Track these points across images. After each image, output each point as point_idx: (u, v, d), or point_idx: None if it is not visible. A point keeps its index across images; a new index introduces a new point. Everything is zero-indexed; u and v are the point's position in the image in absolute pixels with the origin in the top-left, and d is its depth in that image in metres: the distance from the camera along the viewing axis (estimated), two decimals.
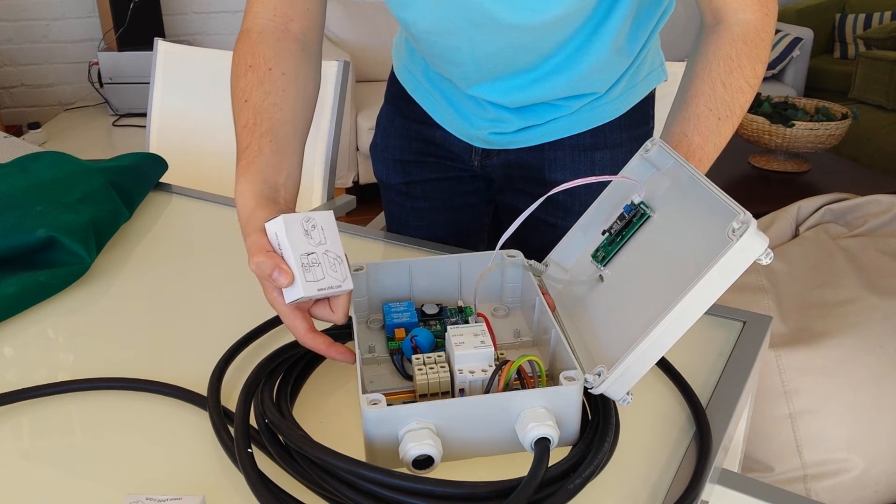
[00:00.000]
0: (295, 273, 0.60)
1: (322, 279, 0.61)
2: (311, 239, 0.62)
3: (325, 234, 0.64)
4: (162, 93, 1.60)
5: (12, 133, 2.61)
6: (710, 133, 0.71)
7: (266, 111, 0.70)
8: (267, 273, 0.60)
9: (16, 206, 0.90)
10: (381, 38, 3.36)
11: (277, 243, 0.61)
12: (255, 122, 0.69)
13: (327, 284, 0.61)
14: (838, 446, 1.32)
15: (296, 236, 0.61)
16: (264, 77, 0.72)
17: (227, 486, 0.55)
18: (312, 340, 0.62)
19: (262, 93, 0.71)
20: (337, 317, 0.63)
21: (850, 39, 3.99)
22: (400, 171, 1.03)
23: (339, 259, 0.63)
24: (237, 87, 0.73)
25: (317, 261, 0.62)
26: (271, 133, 0.69)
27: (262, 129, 0.69)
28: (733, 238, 0.52)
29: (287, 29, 0.77)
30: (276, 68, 0.73)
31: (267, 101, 0.71)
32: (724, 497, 0.63)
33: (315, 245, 0.62)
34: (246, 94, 0.72)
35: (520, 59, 0.81)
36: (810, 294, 1.46)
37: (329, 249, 0.63)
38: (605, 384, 0.56)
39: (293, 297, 0.60)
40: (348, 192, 2.36)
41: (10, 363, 0.70)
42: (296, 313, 0.62)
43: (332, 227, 0.65)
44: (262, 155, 0.67)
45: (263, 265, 0.60)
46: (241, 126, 0.70)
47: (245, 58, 0.74)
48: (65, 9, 3.20)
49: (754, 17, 0.73)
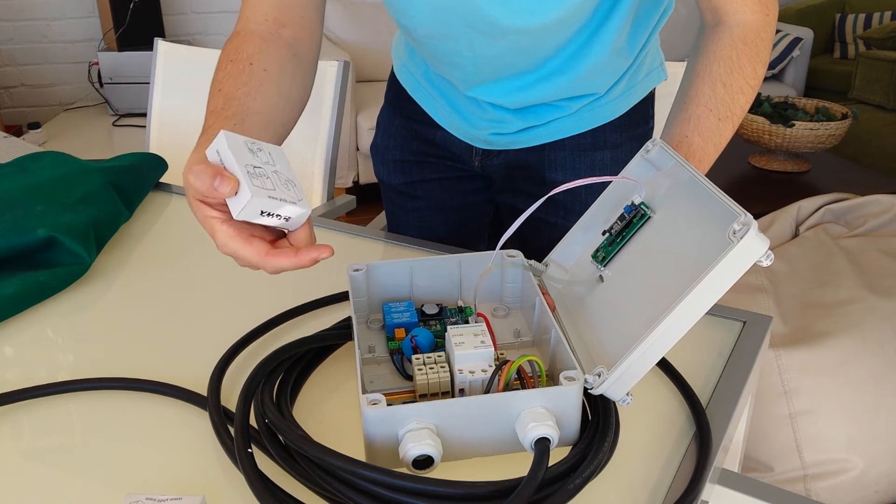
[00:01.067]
0: (240, 179, 0.52)
1: (273, 190, 0.54)
2: (256, 157, 0.55)
3: (274, 158, 0.57)
4: (162, 93, 1.60)
5: (12, 133, 2.61)
6: (711, 134, 0.71)
7: (237, 99, 0.66)
8: (206, 183, 0.52)
9: (16, 206, 0.90)
10: (381, 38, 3.36)
11: (220, 160, 0.54)
12: (224, 107, 0.65)
13: (279, 196, 0.54)
14: (838, 446, 1.32)
15: (239, 150, 0.54)
16: (243, 70, 0.69)
17: (227, 486, 0.55)
18: (276, 258, 0.55)
19: (237, 83, 0.68)
20: (301, 257, 0.55)
21: (850, 39, 3.99)
22: (400, 172, 1.03)
23: (290, 182, 0.56)
24: (215, 78, 0.69)
25: (265, 174, 0.54)
26: (237, 117, 0.64)
27: (228, 112, 0.64)
28: (734, 240, 0.52)
29: (278, 34, 0.76)
30: (257, 64, 0.70)
31: (240, 91, 0.67)
32: (724, 497, 0.63)
33: (262, 163, 0.55)
34: (220, 85, 0.68)
35: (520, 61, 0.81)
36: (810, 294, 1.46)
37: (279, 171, 0.56)
38: (604, 385, 0.56)
39: (241, 203, 0.52)
40: (348, 192, 2.36)
41: (10, 363, 0.70)
42: (251, 239, 0.55)
43: (282, 157, 0.58)
44: None
45: (201, 174, 0.52)
46: (209, 112, 0.66)
47: (228, 55, 0.72)
48: (65, 9, 3.20)
49: (755, 17, 0.73)
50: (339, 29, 3.35)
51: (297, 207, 0.55)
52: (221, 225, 0.55)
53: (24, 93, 3.30)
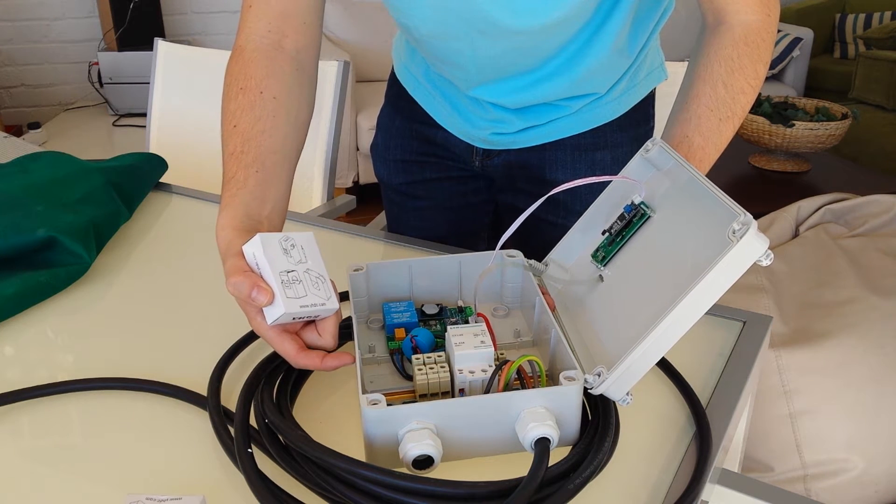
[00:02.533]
0: (275, 290, 0.58)
1: (304, 296, 0.59)
2: (290, 258, 0.60)
3: (306, 253, 0.62)
4: (162, 93, 1.60)
5: (12, 133, 2.61)
6: (711, 134, 0.71)
7: (254, 139, 0.69)
8: (245, 293, 0.57)
9: (16, 206, 0.90)
10: (381, 38, 3.36)
11: (255, 264, 0.59)
12: (243, 151, 0.68)
13: (310, 302, 0.59)
14: (838, 446, 1.32)
15: (274, 254, 0.59)
16: (255, 101, 0.71)
17: (227, 486, 0.55)
18: (305, 359, 0.60)
19: (251, 118, 0.70)
20: (325, 341, 0.61)
21: (850, 39, 3.99)
22: (401, 172, 1.03)
23: (321, 278, 0.61)
24: (227, 109, 0.71)
25: (297, 278, 0.59)
26: (258, 162, 0.68)
27: (248, 158, 0.68)
28: (733, 239, 0.52)
29: (281, 46, 0.76)
30: (267, 91, 0.72)
31: (255, 129, 0.69)
32: (724, 497, 0.63)
33: (295, 263, 0.60)
34: (235, 119, 0.70)
35: (521, 61, 0.81)
36: (810, 294, 1.46)
37: (311, 268, 0.61)
38: (604, 384, 0.56)
39: (275, 315, 0.58)
40: (348, 192, 2.36)
41: (10, 363, 0.70)
42: (283, 336, 0.60)
43: (313, 247, 0.63)
44: (247, 186, 0.66)
45: (240, 285, 0.58)
46: (227, 154, 0.69)
47: (237, 79, 0.73)
48: (65, 9, 3.20)
49: (756, 17, 0.73)
50: (339, 29, 3.35)
51: (325, 307, 0.59)
52: (257, 316, 0.60)
53: (24, 93, 3.30)
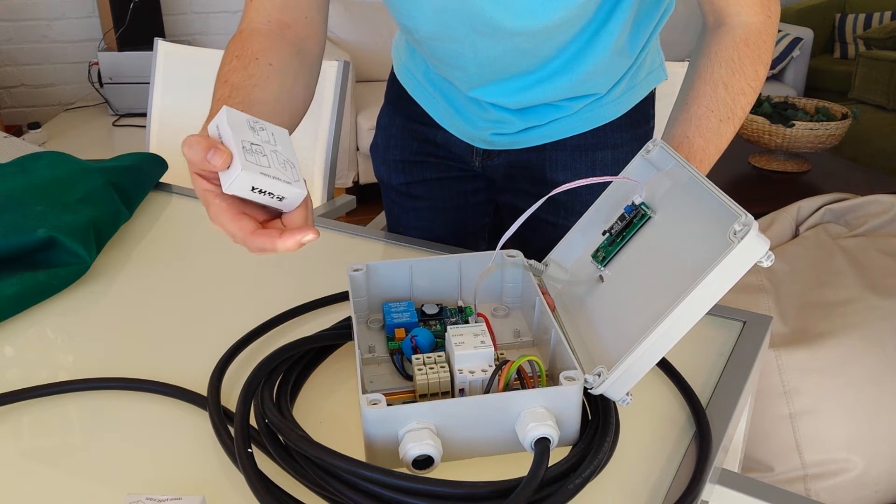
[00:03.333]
0: (234, 153, 0.52)
1: (267, 167, 0.53)
2: (256, 135, 0.55)
3: (276, 139, 0.57)
4: (162, 93, 1.60)
5: (12, 133, 2.61)
6: (712, 135, 0.71)
7: (244, 89, 0.66)
8: (200, 154, 0.52)
9: (16, 206, 0.90)
10: (381, 38, 3.36)
11: (218, 135, 0.54)
12: (230, 96, 0.65)
13: (273, 174, 0.53)
14: (838, 446, 1.32)
15: (238, 125, 0.54)
16: (249, 63, 0.69)
17: (227, 486, 0.55)
18: (259, 238, 0.54)
19: (244, 75, 0.68)
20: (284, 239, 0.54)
21: (850, 39, 3.99)
22: (400, 172, 1.03)
23: (289, 163, 0.56)
24: (220, 73, 0.69)
25: (262, 152, 0.54)
26: (243, 105, 0.64)
27: (234, 101, 0.64)
28: (734, 240, 0.52)
29: (283, 34, 0.75)
30: (262, 58, 0.70)
31: (247, 82, 0.67)
32: (724, 497, 0.63)
33: (261, 141, 0.55)
34: (226, 77, 0.68)
35: (522, 62, 0.81)
36: (810, 294, 1.46)
37: (279, 151, 0.56)
38: (604, 385, 0.56)
39: (231, 177, 0.52)
40: (348, 192, 2.36)
41: (10, 363, 0.70)
42: (240, 216, 0.55)
43: (286, 139, 0.58)
44: None
45: (195, 145, 0.52)
46: (214, 100, 0.66)
47: (233, 51, 0.71)
48: (65, 9, 3.20)
49: (757, 19, 0.73)
50: (339, 29, 3.35)
51: (291, 187, 0.54)
52: (215, 199, 0.55)
53: (24, 93, 3.30)
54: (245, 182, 0.53)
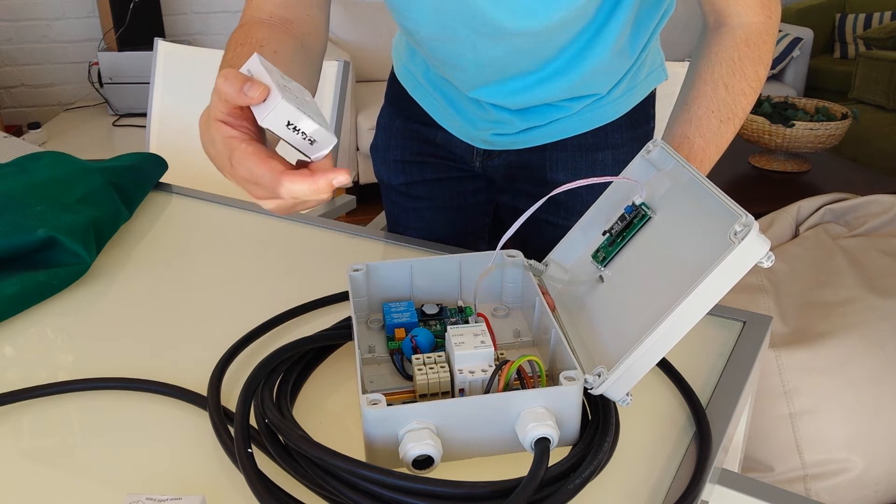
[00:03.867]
0: (271, 87, 0.51)
1: (303, 106, 0.53)
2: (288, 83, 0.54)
3: (304, 94, 0.56)
4: (162, 93, 1.60)
5: (12, 133, 2.61)
6: (712, 135, 0.71)
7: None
8: (236, 86, 0.51)
9: (16, 206, 0.90)
10: (381, 38, 3.36)
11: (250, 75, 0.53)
12: (241, 62, 0.62)
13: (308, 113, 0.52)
14: (838, 446, 1.32)
15: (272, 71, 0.53)
16: (253, 50, 0.67)
17: (227, 486, 0.55)
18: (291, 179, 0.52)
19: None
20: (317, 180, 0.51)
21: (850, 39, 3.99)
22: (400, 172, 1.03)
23: (318, 112, 0.55)
24: (223, 62, 0.68)
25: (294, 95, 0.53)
26: None
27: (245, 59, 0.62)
28: (735, 241, 0.52)
29: (286, 28, 0.76)
30: (267, 46, 0.69)
31: None
32: (724, 497, 0.63)
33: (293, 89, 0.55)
34: (230, 63, 0.67)
35: (522, 62, 0.81)
36: (810, 294, 1.46)
37: (307, 101, 0.55)
38: (604, 385, 0.56)
39: (268, 109, 0.51)
40: (348, 192, 2.36)
41: (10, 363, 0.70)
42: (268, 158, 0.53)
43: (311, 97, 0.58)
44: None
45: (232, 77, 0.51)
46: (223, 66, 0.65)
47: (237, 40, 0.70)
48: (65, 9, 3.20)
49: (757, 19, 0.73)
50: (339, 29, 3.35)
51: (323, 130, 0.53)
52: (241, 143, 0.53)
53: (24, 93, 3.30)
54: (282, 114, 0.52)
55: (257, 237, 0.95)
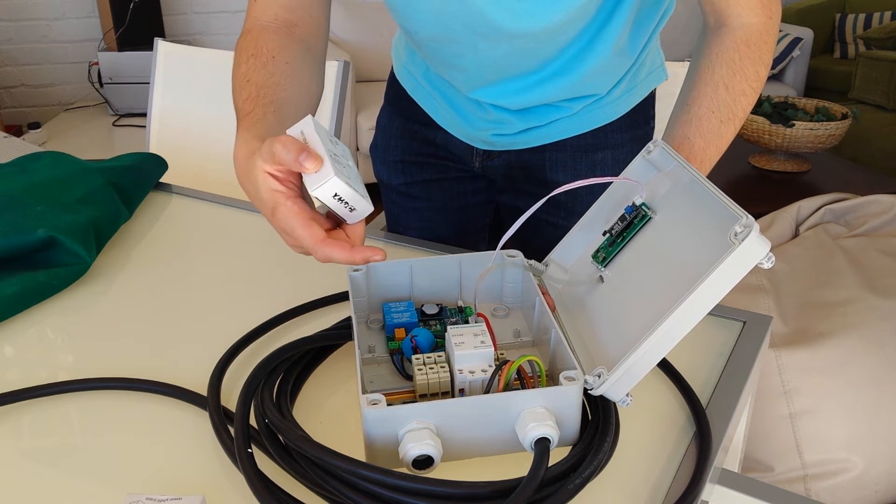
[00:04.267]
0: (325, 159, 0.54)
1: (349, 179, 0.56)
2: (336, 147, 0.57)
3: (347, 155, 0.60)
4: (162, 93, 1.60)
5: (12, 133, 2.61)
6: (712, 136, 0.71)
7: (269, 88, 0.67)
8: (293, 155, 0.54)
9: (16, 206, 0.90)
10: (381, 38, 3.36)
11: (303, 139, 0.56)
12: (258, 95, 0.66)
13: (354, 186, 0.55)
14: (838, 446, 1.32)
15: (323, 136, 0.56)
16: (267, 62, 0.70)
17: (227, 486, 0.55)
18: (332, 248, 0.56)
19: (265, 74, 0.69)
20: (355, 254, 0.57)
21: (850, 39, 3.99)
22: (400, 172, 1.03)
23: (358, 178, 0.58)
24: (238, 73, 0.70)
25: (342, 164, 0.56)
26: (274, 105, 0.66)
27: (265, 100, 0.66)
28: (735, 242, 0.52)
29: (290, 32, 0.76)
30: (279, 57, 0.71)
31: (271, 81, 0.68)
32: (724, 497, 0.63)
33: (339, 154, 0.57)
34: (247, 76, 0.69)
35: (522, 63, 0.81)
36: (810, 294, 1.46)
37: (350, 166, 0.58)
38: (604, 385, 0.56)
39: (321, 181, 0.54)
40: None
41: (10, 363, 0.70)
42: (311, 222, 0.56)
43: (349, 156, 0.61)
44: (266, 120, 0.64)
45: (290, 145, 0.54)
46: (242, 100, 0.67)
47: (247, 49, 0.72)
48: (65, 9, 3.20)
49: (758, 20, 0.73)
50: (339, 29, 3.35)
51: (363, 201, 0.57)
52: (287, 200, 0.56)
53: (24, 93, 3.30)
54: (332, 188, 0.55)
55: (257, 237, 0.95)
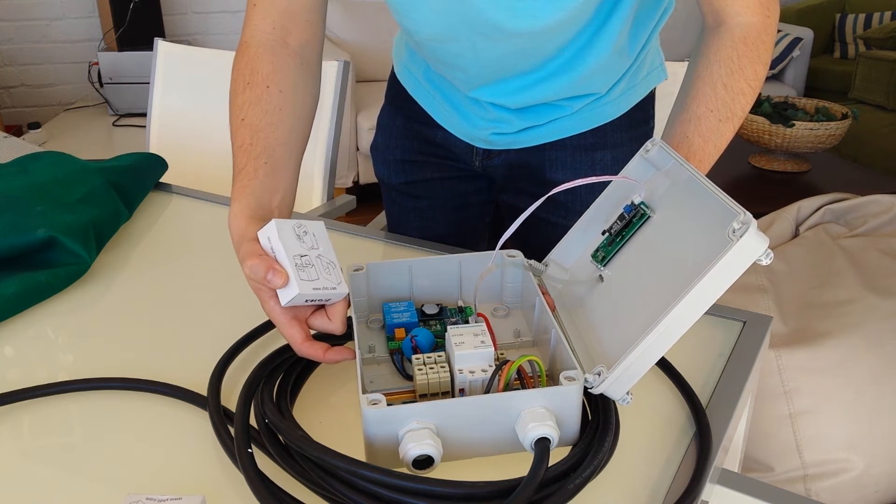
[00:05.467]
0: (289, 272, 0.60)
1: (316, 279, 0.61)
2: (303, 243, 0.63)
3: (317, 240, 0.65)
4: (162, 93, 1.60)
5: (12, 133, 2.61)
6: (711, 134, 0.71)
7: (262, 131, 0.71)
8: (261, 275, 0.60)
9: (16, 206, 0.90)
10: (381, 38, 3.36)
11: (270, 247, 0.62)
12: (251, 143, 0.70)
13: (322, 285, 0.61)
14: (838, 446, 1.32)
15: (288, 238, 0.62)
16: (262, 95, 0.73)
17: (227, 486, 0.55)
18: (309, 349, 0.62)
19: (259, 112, 0.72)
20: (335, 325, 0.63)
21: (850, 39, 3.99)
22: (401, 171, 1.03)
23: (332, 264, 0.64)
24: (234, 103, 0.74)
25: (310, 262, 0.62)
26: (266, 154, 0.70)
27: (257, 149, 0.70)
28: (733, 238, 0.52)
29: (286, 42, 0.77)
30: (273, 86, 0.74)
31: (263, 121, 0.72)
32: (724, 497, 0.63)
33: (307, 248, 0.63)
34: (243, 113, 0.72)
35: (522, 62, 0.81)
36: (810, 294, 1.46)
37: (322, 254, 0.64)
38: (604, 384, 0.56)
39: (289, 296, 0.60)
40: (348, 192, 2.36)
41: (10, 363, 0.70)
42: (293, 322, 0.62)
43: (324, 235, 0.66)
44: (257, 177, 0.68)
45: (256, 267, 0.60)
46: (237, 146, 0.71)
47: (244, 74, 0.75)
48: (65, 9, 3.20)
49: (756, 19, 0.73)
50: (339, 29, 3.35)
51: (335, 291, 0.62)
52: (269, 299, 0.62)
53: (24, 93, 3.30)
54: (300, 298, 0.60)
55: None
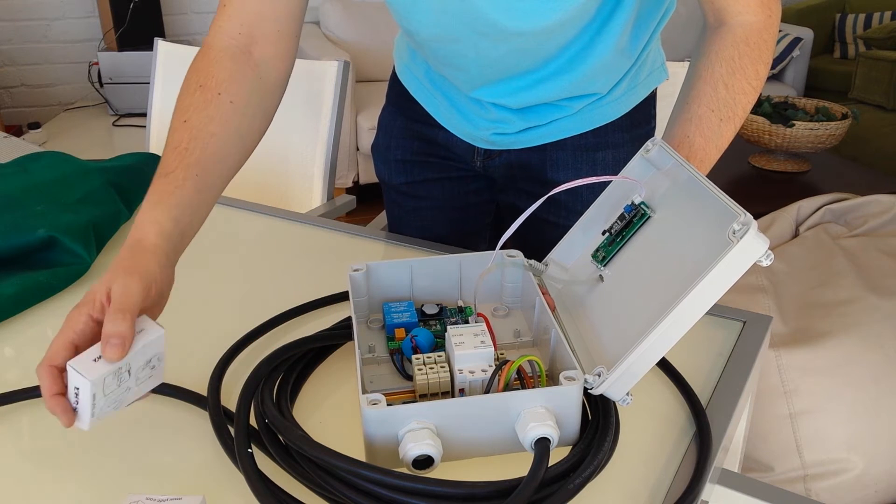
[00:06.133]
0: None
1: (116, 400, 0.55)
2: (118, 384, 0.55)
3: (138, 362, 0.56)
4: (162, 93, 1.60)
5: (12, 133, 2.61)
6: (712, 134, 0.71)
7: (202, 139, 0.67)
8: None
9: (16, 206, 0.90)
10: (381, 38, 3.36)
11: (75, 391, 0.53)
12: (188, 148, 0.66)
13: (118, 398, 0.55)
14: (838, 446, 1.32)
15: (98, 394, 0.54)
16: (211, 101, 0.69)
17: (227, 486, 0.55)
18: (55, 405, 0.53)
19: (204, 117, 0.68)
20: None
21: (850, 39, 3.99)
22: (402, 171, 1.03)
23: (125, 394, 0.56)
24: (181, 103, 0.69)
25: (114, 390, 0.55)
26: (199, 166, 0.66)
27: (192, 158, 0.66)
28: (734, 239, 0.52)
29: (249, 52, 0.74)
30: (225, 94, 0.70)
31: (206, 129, 0.67)
32: (724, 497, 0.63)
33: (117, 384, 0.55)
34: (187, 114, 0.68)
35: (523, 62, 0.81)
36: (810, 294, 1.46)
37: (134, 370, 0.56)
38: (604, 384, 0.56)
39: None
40: (348, 192, 2.35)
41: (10, 363, 0.70)
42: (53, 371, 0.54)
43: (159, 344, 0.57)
44: (184, 188, 0.64)
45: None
46: (171, 146, 0.66)
47: (199, 74, 0.71)
48: (65, 9, 3.20)
49: (757, 18, 0.73)
50: (339, 29, 3.35)
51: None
52: None
53: (24, 93, 3.30)
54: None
55: (257, 237, 0.95)
